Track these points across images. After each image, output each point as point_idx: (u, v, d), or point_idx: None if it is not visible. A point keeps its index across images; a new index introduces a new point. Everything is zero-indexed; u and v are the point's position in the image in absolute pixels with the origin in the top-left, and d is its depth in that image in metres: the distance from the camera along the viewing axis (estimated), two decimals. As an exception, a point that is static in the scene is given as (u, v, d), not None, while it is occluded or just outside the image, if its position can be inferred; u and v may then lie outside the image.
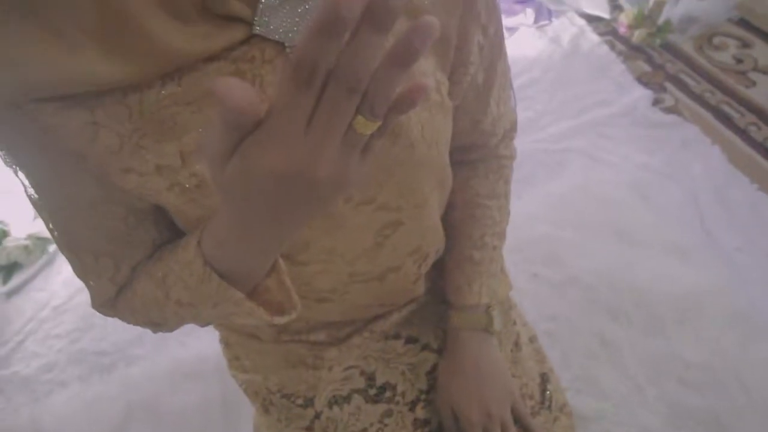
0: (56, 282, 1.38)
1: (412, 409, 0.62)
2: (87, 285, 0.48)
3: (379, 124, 0.25)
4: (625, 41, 1.67)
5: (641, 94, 1.47)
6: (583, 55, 1.65)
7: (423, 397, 0.62)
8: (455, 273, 0.61)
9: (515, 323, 0.69)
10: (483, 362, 0.59)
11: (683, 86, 1.49)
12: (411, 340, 0.65)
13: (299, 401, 0.64)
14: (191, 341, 1.12)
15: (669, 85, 1.50)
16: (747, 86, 1.44)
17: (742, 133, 1.33)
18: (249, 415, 0.73)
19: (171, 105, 0.35)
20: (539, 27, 1.80)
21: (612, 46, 1.67)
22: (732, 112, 1.39)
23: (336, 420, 0.62)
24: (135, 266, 0.46)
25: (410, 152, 0.44)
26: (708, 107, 1.42)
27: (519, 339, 0.67)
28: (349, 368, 0.64)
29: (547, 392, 0.66)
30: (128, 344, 1.19)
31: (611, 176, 1.28)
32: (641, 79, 1.53)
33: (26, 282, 1.38)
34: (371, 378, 0.63)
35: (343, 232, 0.47)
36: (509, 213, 0.65)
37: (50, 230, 0.44)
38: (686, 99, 1.45)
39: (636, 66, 1.58)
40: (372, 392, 0.63)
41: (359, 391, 0.63)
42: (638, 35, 1.61)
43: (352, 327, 0.63)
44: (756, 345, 0.92)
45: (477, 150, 0.60)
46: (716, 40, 1.59)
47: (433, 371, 0.63)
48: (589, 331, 1.00)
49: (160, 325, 0.49)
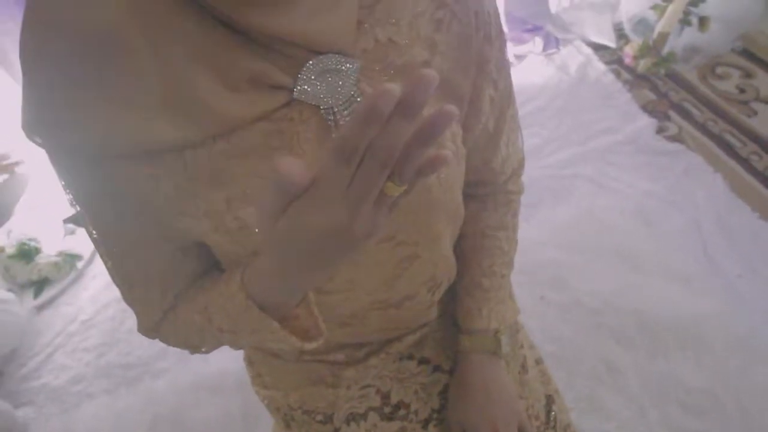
0: (84, 297, 1.44)
1: (425, 427, 0.64)
2: (135, 310, 0.52)
3: (405, 187, 0.31)
4: (631, 70, 1.72)
5: (646, 123, 1.51)
6: (590, 84, 1.70)
7: (435, 416, 0.65)
8: (466, 299, 0.64)
9: (522, 346, 0.71)
10: (491, 384, 0.61)
11: (687, 115, 1.53)
12: (424, 362, 0.67)
13: (319, 417, 0.67)
14: (213, 357, 1.15)
15: (673, 114, 1.54)
16: (749, 116, 1.48)
17: (744, 162, 1.37)
18: (268, 429, 0.77)
19: (220, 158, 0.40)
20: (547, 55, 1.86)
21: (618, 75, 1.72)
22: (734, 141, 1.43)
23: None
24: (178, 294, 0.51)
25: (427, 196, 0.48)
26: (711, 136, 1.45)
27: (526, 362, 0.70)
28: (366, 387, 0.66)
29: (552, 413, 0.68)
30: (153, 358, 1.24)
31: (616, 202, 1.31)
32: (646, 108, 1.58)
33: (56, 297, 1.45)
34: (386, 397, 0.66)
35: (365, 266, 0.52)
36: (517, 243, 0.68)
37: (105, 262, 0.49)
38: (690, 127, 1.49)
39: (641, 94, 1.63)
40: (387, 410, 0.66)
41: (375, 409, 0.66)
42: (643, 64, 1.66)
43: (369, 348, 0.67)
44: (756, 370, 0.95)
45: (487, 186, 0.64)
46: (719, 70, 1.63)
47: (445, 391, 0.66)
48: (594, 354, 1.04)
49: (198, 348, 0.54)
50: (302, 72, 0.37)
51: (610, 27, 1.84)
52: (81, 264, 1.51)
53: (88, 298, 1.44)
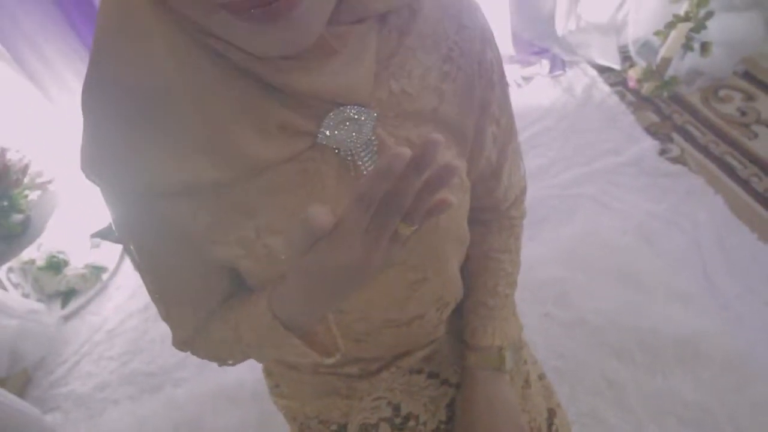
0: (108, 308, 1.51)
1: (433, 437, 0.68)
2: (170, 326, 0.56)
3: (416, 227, 0.36)
4: (635, 92, 1.76)
5: (649, 145, 1.54)
6: (595, 105, 1.73)
7: (442, 427, 0.68)
8: (472, 317, 0.67)
9: (526, 362, 0.73)
10: (495, 398, 0.63)
11: (689, 137, 1.56)
12: (432, 376, 0.70)
13: (333, 427, 0.71)
14: (230, 367, 1.23)
15: (676, 136, 1.57)
16: (750, 138, 1.50)
17: (744, 184, 1.39)
18: (283, 437, 0.80)
19: (252, 194, 0.44)
20: (554, 77, 1.90)
21: (622, 97, 1.75)
22: (735, 163, 1.45)
23: None
24: (210, 313, 0.54)
25: (435, 225, 0.53)
26: (712, 158, 1.48)
27: (529, 377, 0.72)
28: (378, 399, 0.70)
29: (554, 426, 0.71)
30: (174, 367, 1.30)
31: (619, 222, 1.34)
32: (649, 129, 1.61)
33: (82, 307, 1.52)
34: (397, 408, 0.69)
35: (379, 288, 0.56)
36: (520, 264, 0.70)
37: (145, 283, 0.54)
38: (692, 149, 1.52)
39: (645, 116, 1.66)
40: (397, 421, 0.69)
41: (386, 420, 0.68)
42: (647, 87, 1.70)
43: (381, 362, 0.70)
44: (751, 388, 0.98)
45: (491, 211, 0.66)
46: (721, 93, 1.66)
47: (452, 404, 0.68)
48: (596, 369, 1.07)
49: (225, 360, 0.57)
50: (325, 120, 0.41)
51: (615, 50, 1.88)
52: (106, 276, 1.57)
53: (113, 309, 1.50)
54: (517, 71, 1.92)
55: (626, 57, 1.88)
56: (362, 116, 0.42)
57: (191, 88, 0.37)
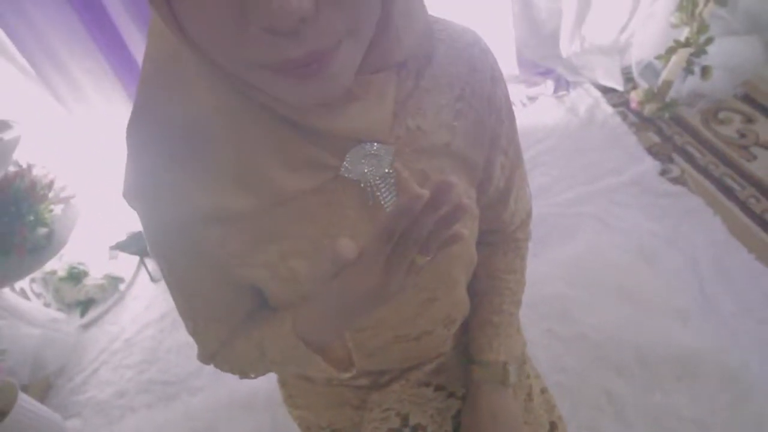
0: (126, 318, 1.56)
1: (440, 448, 0.70)
2: (197, 341, 0.59)
3: (430, 257, 0.40)
4: (637, 113, 1.79)
5: (650, 165, 1.56)
6: (598, 125, 1.76)
7: None
8: (477, 333, 0.70)
9: (529, 376, 0.75)
10: (499, 411, 0.66)
11: (690, 158, 1.59)
12: (439, 388, 0.73)
13: None
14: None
15: (676, 156, 1.60)
16: (748, 160, 1.53)
17: (742, 205, 1.41)
18: (295, 445, 0.84)
19: (278, 221, 0.47)
20: (558, 97, 1.94)
21: (624, 117, 1.78)
22: (733, 185, 1.48)
23: None
24: (234, 329, 0.57)
25: (447, 250, 0.57)
26: (712, 179, 1.51)
27: (531, 391, 0.74)
28: (387, 410, 0.72)
29: None
30: (189, 376, 1.34)
31: (620, 241, 1.36)
32: (651, 150, 1.64)
33: (100, 316, 1.57)
34: (405, 419, 0.71)
35: (391, 307, 0.57)
36: (524, 284, 0.72)
37: (175, 300, 0.57)
38: (692, 170, 1.55)
39: (646, 137, 1.69)
40: (406, 431, 0.70)
41: (395, 430, 0.69)
42: (649, 108, 1.73)
43: (391, 375, 0.73)
44: (746, 405, 1.00)
45: (497, 234, 0.69)
46: (721, 115, 1.69)
47: (458, 416, 0.70)
48: (596, 384, 1.09)
49: (247, 374, 0.60)
50: (348, 156, 0.44)
51: (619, 71, 1.92)
52: (123, 286, 1.63)
53: (130, 319, 1.55)
54: (523, 91, 1.96)
55: (629, 78, 1.91)
56: (381, 151, 0.45)
57: (227, 128, 0.41)
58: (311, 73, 0.33)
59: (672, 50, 1.60)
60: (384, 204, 0.47)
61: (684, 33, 1.57)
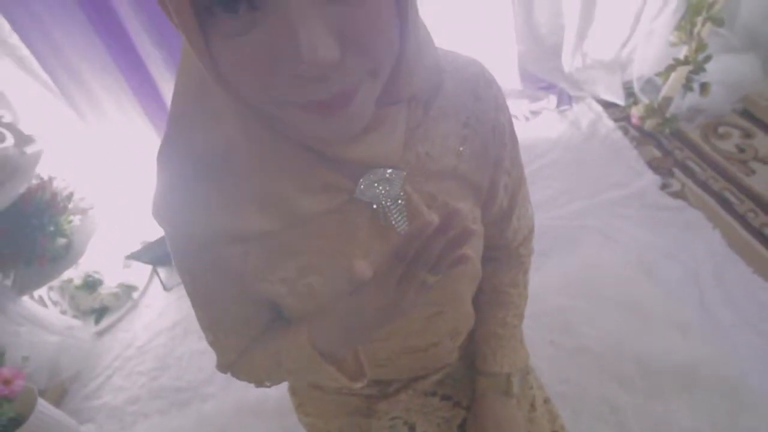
0: (139, 325, 1.59)
1: (446, 455, 0.73)
2: (216, 351, 0.62)
3: (439, 277, 0.43)
4: (638, 127, 1.82)
5: (651, 179, 1.59)
6: (600, 139, 1.79)
7: None
8: (483, 346, 0.72)
9: (532, 387, 0.77)
10: (503, 420, 0.69)
11: (689, 172, 1.62)
12: (445, 398, 0.76)
13: None
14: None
15: (676, 171, 1.63)
16: (747, 174, 1.55)
17: (741, 219, 1.44)
18: (304, 451, 0.86)
19: (296, 240, 0.49)
20: (560, 111, 1.97)
21: (626, 132, 1.81)
22: (732, 199, 1.50)
23: None
24: (252, 340, 0.60)
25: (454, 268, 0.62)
26: (711, 193, 1.53)
27: (535, 401, 0.76)
28: (395, 418, 0.74)
29: None
30: (201, 383, 1.37)
31: (621, 253, 1.39)
32: (651, 164, 1.66)
33: (114, 324, 1.61)
34: (412, 428, 0.73)
35: (401, 320, 0.59)
36: (527, 297, 0.74)
37: (196, 313, 0.59)
38: (692, 184, 1.57)
39: (647, 151, 1.72)
40: None
41: None
42: (649, 123, 1.77)
43: (399, 385, 0.76)
44: (744, 415, 1.02)
45: (502, 250, 0.71)
46: (721, 130, 1.72)
47: (463, 425, 0.73)
48: (598, 394, 1.11)
49: (263, 383, 0.62)
50: (362, 180, 0.46)
51: (620, 86, 1.95)
52: (136, 294, 1.67)
53: (143, 326, 1.59)
54: (526, 106, 2.00)
55: (630, 93, 1.94)
56: (393, 176, 0.47)
57: (251, 155, 0.43)
58: (335, 111, 0.36)
59: (671, 68, 1.63)
60: (395, 224, 0.50)
61: (683, 51, 1.61)
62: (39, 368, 1.33)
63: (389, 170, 0.46)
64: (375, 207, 0.49)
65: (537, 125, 1.93)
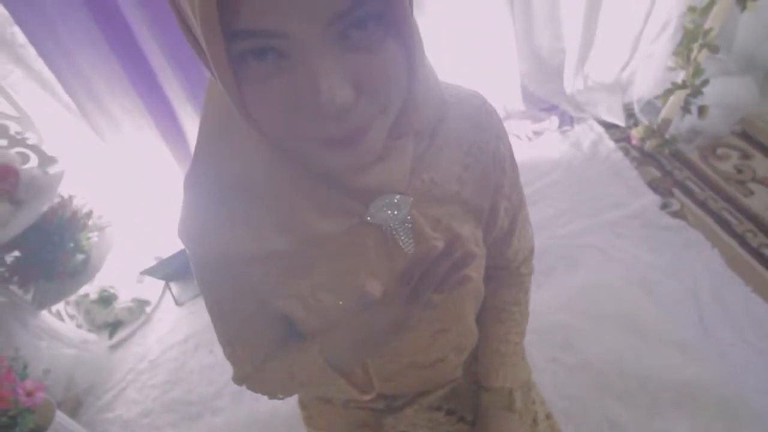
0: (151, 339, 1.62)
1: (450, 468, 0.75)
2: (233, 364, 0.64)
3: (443, 295, 0.47)
4: (638, 148, 1.85)
5: (651, 199, 1.62)
6: (601, 160, 1.82)
7: None
8: (486, 362, 0.75)
9: (534, 402, 0.79)
10: None
11: (689, 192, 1.64)
12: (450, 413, 0.79)
13: None
14: (264, 398, 1.32)
15: (676, 191, 1.66)
16: (746, 195, 1.58)
17: (740, 239, 1.46)
18: (314, 464, 0.88)
19: (310, 259, 0.52)
20: (562, 132, 2.01)
21: (626, 152, 1.85)
22: (731, 219, 1.52)
23: None
24: (267, 354, 0.63)
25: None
26: (710, 213, 1.56)
27: (537, 416, 0.78)
28: None
29: None
30: (212, 397, 1.39)
31: (622, 272, 1.41)
32: (651, 184, 1.69)
33: (127, 338, 1.64)
34: None
35: (407, 336, 0.61)
36: (528, 315, 0.77)
37: (215, 327, 0.62)
38: (691, 204, 1.60)
39: (647, 171, 1.75)
40: None
41: None
42: (650, 144, 1.80)
43: (405, 399, 0.78)
44: None
45: (503, 269, 0.74)
46: (719, 151, 1.74)
47: None
48: (599, 411, 1.13)
49: (276, 395, 0.65)
50: (372, 204, 0.49)
51: (621, 108, 1.98)
52: (149, 309, 1.71)
53: (155, 340, 1.62)
54: (529, 126, 2.04)
55: (631, 114, 1.98)
56: (400, 201, 0.50)
57: (271, 182, 0.46)
58: (350, 146, 0.39)
59: (670, 92, 1.67)
60: (402, 245, 0.53)
61: (681, 75, 1.65)
62: (56, 381, 1.36)
63: (397, 196, 0.49)
64: (383, 229, 0.52)
65: (539, 145, 1.97)
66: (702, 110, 1.68)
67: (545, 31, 2.00)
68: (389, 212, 0.50)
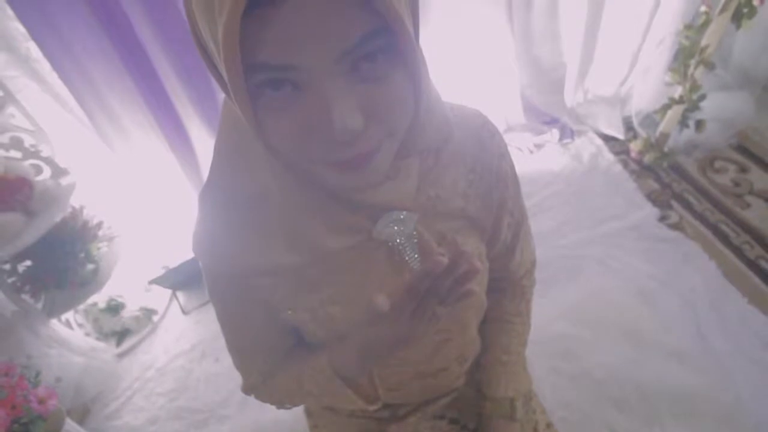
0: (158, 348, 1.64)
1: (454, 476, 0.75)
2: (242, 373, 0.66)
3: (448, 309, 0.50)
4: (637, 160, 1.88)
5: (650, 211, 1.64)
6: (601, 172, 1.85)
7: None
8: (488, 371, 0.76)
9: (535, 411, 0.80)
10: None
11: (687, 205, 1.67)
12: (453, 421, 0.79)
13: None
14: (269, 406, 1.33)
15: (675, 203, 1.68)
16: (743, 208, 1.60)
17: (737, 251, 1.48)
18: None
19: (318, 273, 0.54)
20: (563, 145, 2.03)
21: (625, 165, 1.87)
22: (728, 231, 1.55)
23: None
24: (276, 364, 0.64)
25: None
26: (708, 225, 1.58)
27: (537, 425, 0.79)
28: None
29: None
30: (218, 405, 1.41)
31: (621, 283, 1.42)
32: (650, 196, 1.71)
33: (134, 346, 1.66)
34: None
35: (412, 347, 0.63)
36: (530, 326, 0.78)
37: (225, 337, 0.64)
38: (689, 216, 1.62)
39: (646, 183, 1.78)
40: None
41: None
42: (648, 157, 1.83)
43: (409, 408, 0.79)
44: None
45: (505, 281, 0.76)
46: (717, 164, 1.77)
47: None
48: (599, 420, 1.14)
49: (284, 404, 0.67)
50: (379, 221, 0.51)
51: (620, 121, 2.01)
52: (156, 318, 1.73)
53: (162, 349, 1.64)
54: (530, 139, 2.06)
55: (630, 127, 2.01)
56: (407, 217, 0.52)
57: (282, 199, 0.48)
58: (359, 168, 0.41)
59: (667, 107, 1.70)
60: (408, 260, 0.55)
61: (678, 91, 1.68)
62: (65, 388, 1.38)
63: (404, 212, 0.51)
64: (390, 245, 0.54)
65: (540, 158, 1.99)
66: (699, 124, 1.71)
67: (545, 46, 2.04)
68: (396, 228, 0.51)
